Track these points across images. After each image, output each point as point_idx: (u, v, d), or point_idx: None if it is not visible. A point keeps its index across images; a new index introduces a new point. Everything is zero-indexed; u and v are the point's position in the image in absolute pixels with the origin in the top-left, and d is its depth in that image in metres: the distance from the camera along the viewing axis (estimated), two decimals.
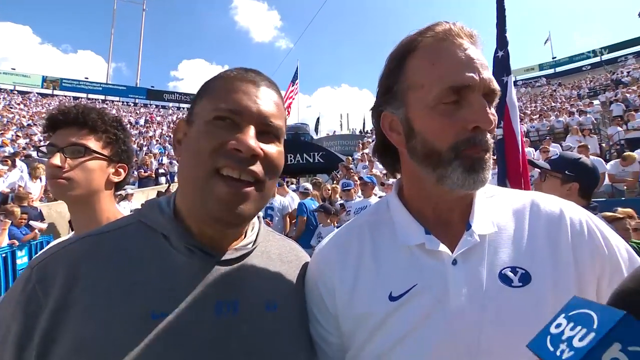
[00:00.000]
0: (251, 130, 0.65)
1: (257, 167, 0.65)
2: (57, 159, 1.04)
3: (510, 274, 0.63)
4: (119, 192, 1.58)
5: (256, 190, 0.66)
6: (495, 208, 0.72)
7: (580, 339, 0.34)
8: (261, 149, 0.65)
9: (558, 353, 0.35)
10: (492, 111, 0.65)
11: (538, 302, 0.61)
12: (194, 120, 0.68)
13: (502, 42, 3.65)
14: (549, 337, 0.38)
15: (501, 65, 3.69)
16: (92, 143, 1.10)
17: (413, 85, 0.68)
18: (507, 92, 3.62)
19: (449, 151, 0.64)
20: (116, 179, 1.17)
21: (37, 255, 1.02)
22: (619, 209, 2.31)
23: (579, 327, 0.36)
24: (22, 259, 5.77)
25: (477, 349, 0.59)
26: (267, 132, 0.68)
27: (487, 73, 0.65)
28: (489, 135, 0.65)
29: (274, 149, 0.69)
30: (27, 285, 0.58)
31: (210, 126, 0.64)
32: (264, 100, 0.68)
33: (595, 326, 0.34)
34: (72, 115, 1.09)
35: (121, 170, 1.19)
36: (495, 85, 0.65)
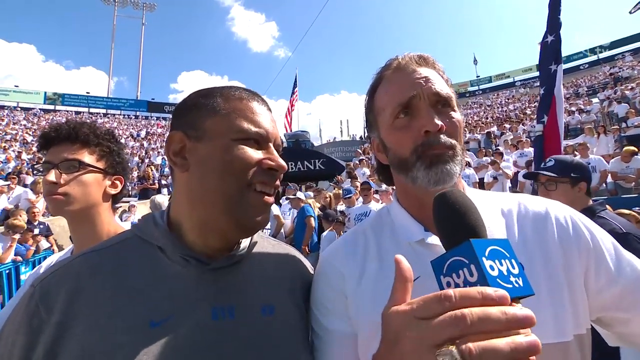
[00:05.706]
0: (274, 150, 0.74)
1: (278, 181, 0.75)
2: (52, 176, 1.03)
3: None
4: (118, 205, 1.58)
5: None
6: (486, 209, 0.75)
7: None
8: None
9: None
10: (448, 114, 0.73)
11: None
12: (204, 137, 0.69)
13: (553, 25, 3.20)
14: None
15: (550, 51, 3.24)
16: (86, 157, 1.10)
17: (378, 111, 0.80)
18: (556, 82, 3.18)
19: (412, 155, 0.72)
20: (113, 191, 1.17)
21: (33, 272, 1.02)
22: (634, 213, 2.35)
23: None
24: (25, 275, 5.77)
25: None
26: (277, 150, 0.76)
27: (433, 83, 0.73)
28: (445, 136, 0.71)
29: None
30: (30, 302, 0.60)
31: (238, 145, 0.69)
32: (274, 122, 0.77)
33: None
34: (64, 131, 1.09)
35: (117, 182, 1.19)
36: (441, 89, 0.72)
